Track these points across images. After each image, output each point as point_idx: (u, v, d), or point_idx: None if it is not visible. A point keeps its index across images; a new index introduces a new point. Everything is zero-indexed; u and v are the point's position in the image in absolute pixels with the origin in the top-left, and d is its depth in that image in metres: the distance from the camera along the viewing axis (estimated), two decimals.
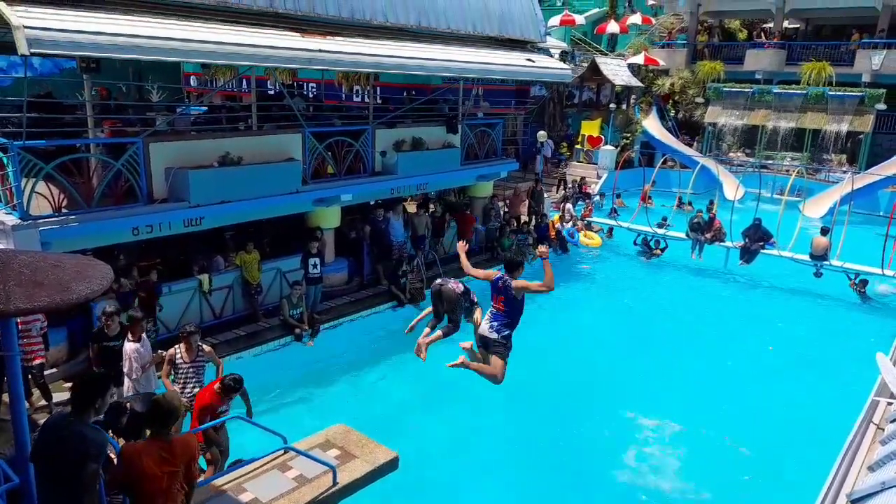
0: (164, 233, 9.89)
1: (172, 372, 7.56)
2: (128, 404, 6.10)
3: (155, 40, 8.21)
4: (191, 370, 7.51)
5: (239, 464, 6.46)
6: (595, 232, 18.89)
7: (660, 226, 17.83)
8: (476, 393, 9.80)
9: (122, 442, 5.61)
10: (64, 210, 8.87)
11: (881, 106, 23.70)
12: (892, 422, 5.14)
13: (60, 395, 8.25)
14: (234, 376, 6.78)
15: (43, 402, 8.19)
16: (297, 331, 10.85)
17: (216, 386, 6.80)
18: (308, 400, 9.51)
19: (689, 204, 20.43)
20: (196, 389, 7.31)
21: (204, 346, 7.78)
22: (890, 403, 5.52)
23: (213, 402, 6.72)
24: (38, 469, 4.16)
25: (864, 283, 14.80)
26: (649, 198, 21.24)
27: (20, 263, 3.73)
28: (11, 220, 8.30)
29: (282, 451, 6.36)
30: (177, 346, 7.58)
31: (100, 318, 8.20)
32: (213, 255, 11.03)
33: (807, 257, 15.09)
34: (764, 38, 29.26)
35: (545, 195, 19.01)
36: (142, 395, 7.30)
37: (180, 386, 7.46)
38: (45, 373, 8.21)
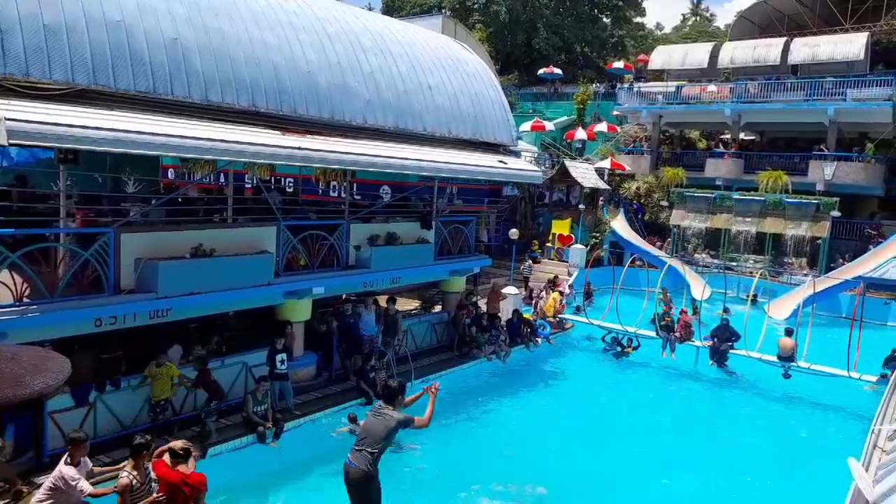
0: (128, 324, 9.63)
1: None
2: None
3: (137, 135, 8.30)
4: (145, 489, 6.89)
5: None
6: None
7: (653, 322, 18.15)
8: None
9: None
10: (25, 300, 8.62)
11: (836, 213, 24.90)
12: None
13: None
14: (182, 442, 6.73)
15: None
16: (261, 429, 10.40)
17: (166, 459, 6.70)
18: None
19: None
20: None
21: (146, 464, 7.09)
22: None
23: (173, 474, 6.58)
24: None
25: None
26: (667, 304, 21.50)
27: None
28: None
29: None
30: (125, 471, 6.84)
31: None
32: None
33: (774, 358, 15.28)
34: (722, 147, 31.01)
35: (515, 292, 19.08)
36: None
37: None
38: None
